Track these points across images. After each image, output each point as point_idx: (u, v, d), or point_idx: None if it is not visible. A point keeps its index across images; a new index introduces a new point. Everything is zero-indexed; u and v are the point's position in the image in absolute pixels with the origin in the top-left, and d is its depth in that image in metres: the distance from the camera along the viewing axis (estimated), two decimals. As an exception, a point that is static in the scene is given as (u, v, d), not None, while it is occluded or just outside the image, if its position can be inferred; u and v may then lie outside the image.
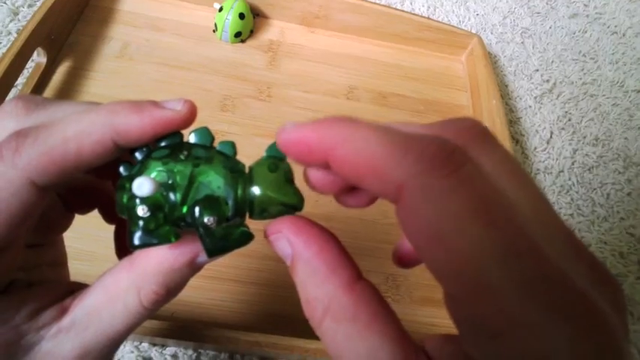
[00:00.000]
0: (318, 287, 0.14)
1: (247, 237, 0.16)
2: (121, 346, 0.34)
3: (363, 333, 0.13)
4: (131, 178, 0.16)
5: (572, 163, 0.53)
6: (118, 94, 0.47)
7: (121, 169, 0.16)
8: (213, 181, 0.16)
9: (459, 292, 0.12)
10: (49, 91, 0.46)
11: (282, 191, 0.16)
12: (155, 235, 0.15)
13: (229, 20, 0.51)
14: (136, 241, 0.15)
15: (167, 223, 0.16)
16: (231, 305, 0.37)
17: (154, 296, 0.17)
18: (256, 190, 0.16)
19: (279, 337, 0.32)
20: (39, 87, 0.45)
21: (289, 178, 0.16)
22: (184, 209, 0.16)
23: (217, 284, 0.38)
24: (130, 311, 0.17)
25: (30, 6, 0.52)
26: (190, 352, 0.35)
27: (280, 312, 0.37)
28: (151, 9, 0.53)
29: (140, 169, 0.16)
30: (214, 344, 0.32)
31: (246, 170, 0.17)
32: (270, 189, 0.16)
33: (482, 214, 0.12)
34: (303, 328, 0.38)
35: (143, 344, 0.35)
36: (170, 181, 0.16)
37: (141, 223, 0.15)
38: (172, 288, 0.17)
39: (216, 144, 0.17)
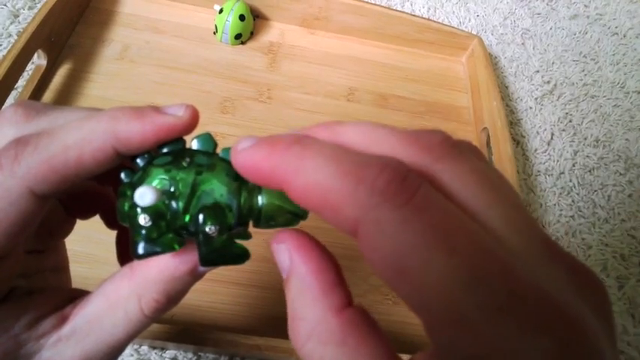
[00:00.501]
0: (307, 307, 0.14)
1: (244, 256, 0.16)
2: (121, 349, 0.34)
3: (350, 357, 0.13)
4: (132, 185, 0.15)
5: (573, 165, 0.53)
6: (118, 97, 0.47)
7: (122, 175, 0.16)
8: (216, 189, 0.16)
9: (432, 323, 0.12)
10: (49, 93, 0.46)
11: (288, 199, 0.15)
12: (158, 244, 0.15)
13: (229, 22, 0.51)
14: (140, 251, 0.15)
15: (169, 231, 0.15)
16: (231, 308, 0.37)
17: (154, 304, 0.16)
18: (264, 198, 0.16)
19: (279, 341, 0.32)
20: (39, 89, 0.45)
21: None
22: (187, 218, 0.15)
23: (217, 287, 0.37)
24: (130, 319, 0.16)
25: (30, 8, 0.52)
26: (190, 355, 0.35)
27: (281, 315, 0.37)
28: (151, 11, 0.53)
29: (142, 177, 0.16)
30: (214, 347, 0.32)
31: None
32: (277, 197, 0.16)
33: (442, 242, 0.11)
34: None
35: (143, 347, 0.34)
36: (172, 189, 0.15)
37: (143, 232, 0.15)
38: (173, 296, 0.17)
39: (219, 150, 0.17)
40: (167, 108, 0.16)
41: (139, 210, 0.15)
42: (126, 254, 0.22)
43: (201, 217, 0.15)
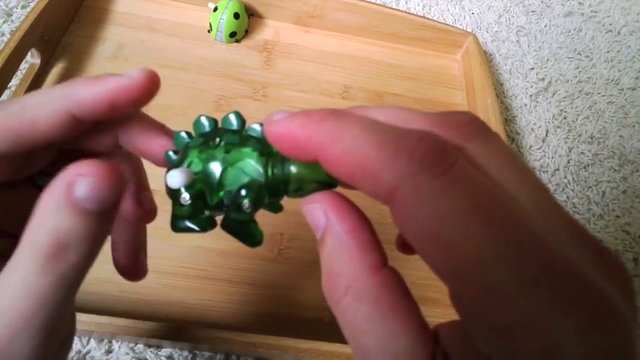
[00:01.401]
0: (344, 264, 0.14)
1: (256, 241, 0.17)
2: (116, 348, 0.34)
3: (385, 316, 0.13)
4: (174, 166, 0.17)
5: (568, 162, 0.53)
6: (112, 95, 0.46)
7: (166, 155, 0.18)
8: (246, 165, 0.17)
9: (463, 292, 0.12)
10: (43, 92, 0.45)
11: (315, 169, 0.16)
12: (195, 223, 0.17)
13: (224, 20, 0.50)
14: (180, 225, 0.17)
15: (205, 208, 0.17)
16: (225, 306, 0.37)
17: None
18: (292, 168, 0.16)
19: (273, 338, 0.32)
20: (32, 88, 0.45)
21: None
22: (221, 194, 0.17)
23: (210, 285, 0.37)
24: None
25: (23, 7, 0.51)
26: (186, 353, 0.35)
27: (275, 312, 0.37)
28: (145, 9, 0.53)
29: (180, 158, 0.17)
30: (209, 345, 0.32)
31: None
32: (304, 167, 0.16)
33: (478, 212, 0.11)
34: (298, 329, 0.38)
35: (138, 346, 0.34)
36: (205, 169, 0.17)
37: (183, 209, 0.17)
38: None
39: (247, 126, 0.18)
40: (125, 72, 0.17)
41: (182, 189, 0.16)
42: (122, 260, 0.22)
43: (242, 192, 0.16)
